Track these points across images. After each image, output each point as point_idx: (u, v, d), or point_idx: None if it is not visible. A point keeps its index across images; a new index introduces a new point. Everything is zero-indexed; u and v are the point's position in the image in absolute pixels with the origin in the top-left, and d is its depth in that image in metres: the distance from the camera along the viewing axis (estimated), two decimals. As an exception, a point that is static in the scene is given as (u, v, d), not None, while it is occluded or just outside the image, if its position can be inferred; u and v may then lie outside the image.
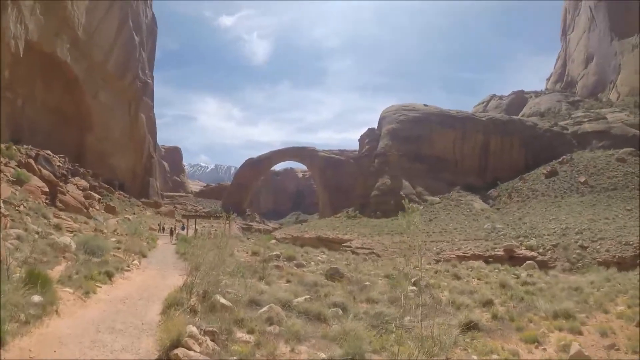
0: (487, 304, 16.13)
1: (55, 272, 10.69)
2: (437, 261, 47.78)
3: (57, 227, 21.92)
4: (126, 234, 27.15)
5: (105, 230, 28.77)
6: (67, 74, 67.97)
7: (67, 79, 68.84)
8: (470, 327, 11.96)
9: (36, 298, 7.49)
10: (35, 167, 40.98)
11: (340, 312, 11.56)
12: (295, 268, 20.21)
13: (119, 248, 18.90)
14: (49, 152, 57.00)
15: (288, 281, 16.52)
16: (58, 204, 34.69)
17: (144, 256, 20.02)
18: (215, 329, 7.06)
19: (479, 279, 25.77)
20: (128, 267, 15.22)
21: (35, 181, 34.80)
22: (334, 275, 18.19)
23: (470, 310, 14.30)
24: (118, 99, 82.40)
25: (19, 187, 30.16)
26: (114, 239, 22.93)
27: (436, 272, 26.90)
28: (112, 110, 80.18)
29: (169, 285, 12.16)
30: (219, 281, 10.91)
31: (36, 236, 16.78)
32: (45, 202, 31.90)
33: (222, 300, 9.68)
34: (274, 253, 23.26)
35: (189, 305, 8.78)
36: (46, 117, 65.71)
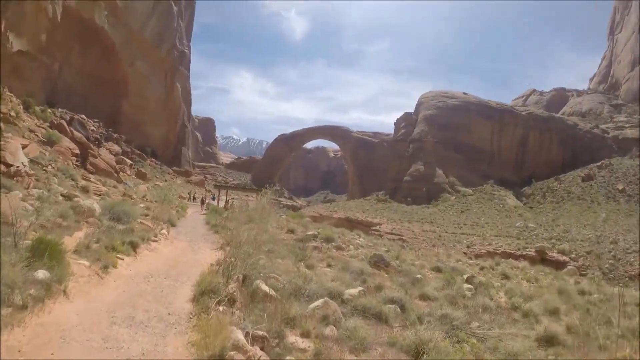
0: (553, 312, 14.04)
1: (73, 239, 9.17)
2: (471, 255, 45.33)
3: (84, 190, 20.81)
4: (155, 201, 25.93)
5: (135, 196, 27.76)
6: (104, 41, 67.37)
7: (104, 46, 68.29)
8: (547, 340, 10.17)
9: (40, 274, 5.87)
10: (67, 129, 40.33)
11: (399, 309, 9.77)
12: (334, 251, 18.49)
13: (147, 215, 17.55)
14: (83, 116, 56.80)
15: (329, 265, 14.90)
16: (88, 166, 33.95)
17: (173, 225, 18.68)
18: (264, 333, 5.33)
19: (527, 281, 23.52)
20: (155, 236, 13.75)
21: (67, 142, 34.02)
22: (378, 262, 16.40)
23: (539, 320, 12.33)
24: (154, 68, 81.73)
25: (49, 148, 29.36)
26: (142, 205, 21.69)
27: (482, 269, 24.71)
28: (148, 79, 79.67)
29: (200, 262, 10.67)
30: (257, 262, 9.26)
31: (60, 197, 15.56)
32: (75, 164, 31.11)
33: (264, 288, 7.98)
34: (311, 232, 21.57)
35: (227, 292, 7.07)
36: (82, 82, 65.54)
